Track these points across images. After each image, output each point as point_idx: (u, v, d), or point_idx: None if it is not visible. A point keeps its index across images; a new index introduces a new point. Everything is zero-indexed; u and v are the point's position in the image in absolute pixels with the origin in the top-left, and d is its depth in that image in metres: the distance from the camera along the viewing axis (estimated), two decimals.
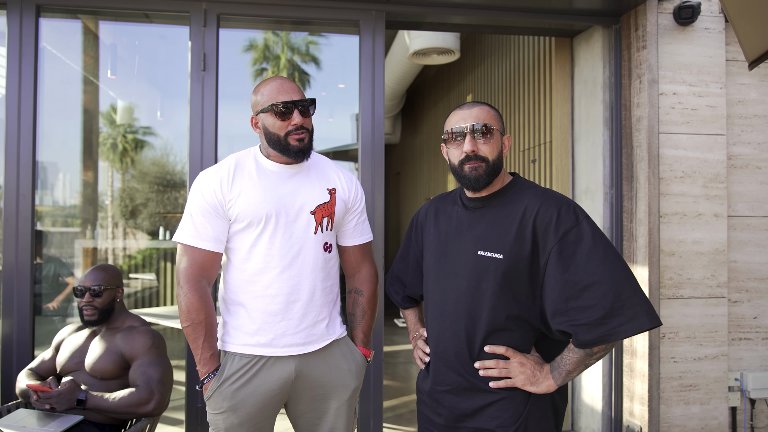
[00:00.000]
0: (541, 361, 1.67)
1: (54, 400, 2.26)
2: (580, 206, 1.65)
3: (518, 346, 1.67)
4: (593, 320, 1.51)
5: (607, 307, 1.51)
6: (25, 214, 2.95)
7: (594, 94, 3.55)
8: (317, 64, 6.65)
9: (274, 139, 1.89)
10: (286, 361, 1.91)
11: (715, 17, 3.28)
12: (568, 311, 1.55)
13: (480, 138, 1.67)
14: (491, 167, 1.67)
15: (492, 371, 1.65)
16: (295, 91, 1.90)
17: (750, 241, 3.39)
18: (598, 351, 1.58)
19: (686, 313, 3.22)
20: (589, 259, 1.54)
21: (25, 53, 2.97)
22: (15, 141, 2.96)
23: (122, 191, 7.78)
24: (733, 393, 3.34)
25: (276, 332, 1.89)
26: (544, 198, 1.65)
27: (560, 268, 1.56)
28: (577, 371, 1.62)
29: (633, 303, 1.51)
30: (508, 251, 1.62)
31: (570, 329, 1.55)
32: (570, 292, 1.54)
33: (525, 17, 3.36)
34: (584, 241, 1.56)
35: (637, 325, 1.50)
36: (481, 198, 1.74)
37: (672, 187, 3.23)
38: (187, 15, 3.10)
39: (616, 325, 1.51)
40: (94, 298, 2.48)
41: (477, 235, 1.69)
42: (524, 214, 1.63)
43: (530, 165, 4.71)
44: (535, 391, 1.63)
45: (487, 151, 1.67)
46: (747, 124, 3.40)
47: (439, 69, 7.95)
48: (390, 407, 4.52)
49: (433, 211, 1.89)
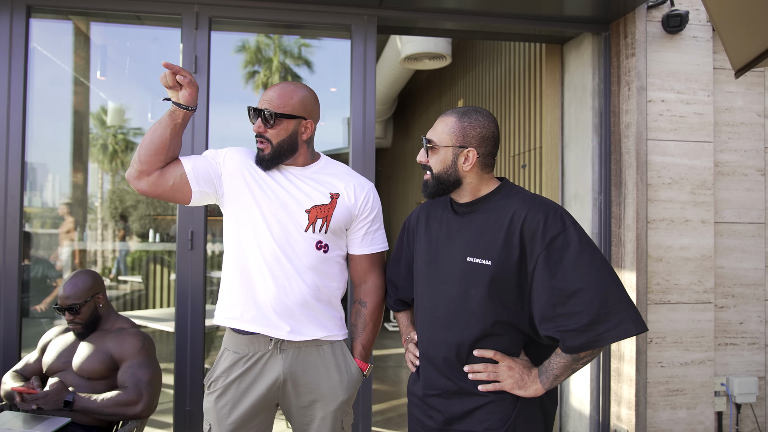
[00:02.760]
0: (529, 365, 1.68)
1: (41, 401, 2.25)
2: (567, 212, 1.66)
3: (507, 351, 1.68)
4: (580, 326, 1.53)
5: (593, 313, 1.52)
6: (14, 216, 2.93)
7: (583, 100, 3.58)
8: (309, 67, 6.65)
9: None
10: (276, 360, 1.90)
11: (703, 26, 3.32)
12: (555, 317, 1.56)
13: (428, 151, 1.75)
14: (435, 178, 1.74)
15: (481, 375, 1.67)
16: (271, 99, 1.87)
17: (736, 248, 3.43)
18: (585, 356, 1.59)
19: (673, 319, 3.25)
20: (576, 265, 1.55)
21: (15, 53, 2.96)
22: (4, 141, 2.94)
23: (112, 193, 7.73)
24: (720, 398, 3.37)
25: (261, 309, 1.88)
26: (531, 204, 1.65)
27: (547, 274, 1.57)
28: (564, 375, 1.63)
29: (619, 309, 1.53)
30: (496, 258, 1.63)
31: (557, 335, 1.56)
32: (557, 299, 1.56)
33: (516, 23, 3.38)
34: (571, 247, 1.57)
35: (623, 331, 1.52)
36: (469, 203, 1.75)
37: (660, 193, 3.26)
38: (179, 17, 3.09)
39: (603, 331, 1.52)
40: (74, 316, 2.44)
41: (466, 241, 1.70)
42: (512, 220, 1.64)
43: (520, 170, 4.74)
44: (523, 394, 1.64)
45: (432, 163, 1.74)
46: (734, 132, 3.45)
47: (431, 74, 7.99)
48: (379, 411, 4.52)
49: (425, 215, 1.90)
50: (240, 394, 1.89)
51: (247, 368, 1.89)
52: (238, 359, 1.89)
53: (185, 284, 3.09)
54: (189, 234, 3.08)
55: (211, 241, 5.48)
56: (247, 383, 1.89)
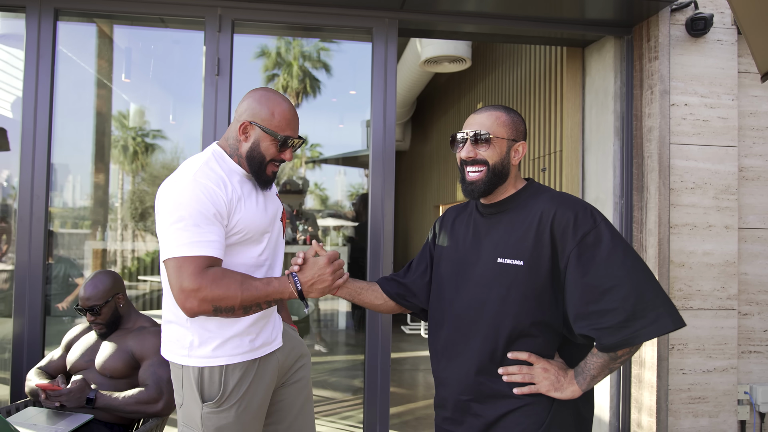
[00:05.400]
0: (564, 367, 1.65)
1: (64, 398, 2.28)
2: (596, 209, 1.64)
3: (542, 352, 1.65)
4: (615, 323, 1.50)
5: (629, 310, 1.49)
6: (39, 215, 2.98)
7: (605, 104, 3.55)
8: (328, 70, 6.69)
9: (256, 159, 1.83)
10: (272, 356, 1.97)
11: (728, 29, 3.28)
12: (589, 315, 1.53)
13: (481, 143, 1.69)
14: (492, 171, 1.69)
15: (515, 377, 1.63)
16: (298, 125, 1.90)
17: (761, 254, 3.38)
18: (623, 354, 1.56)
19: (696, 325, 3.21)
20: (609, 261, 1.53)
21: (42, 56, 3.01)
22: (31, 142, 2.99)
23: (132, 194, 7.82)
24: (743, 406, 3.31)
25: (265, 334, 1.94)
26: (560, 201, 1.64)
27: (580, 271, 1.55)
28: (601, 376, 1.60)
29: (656, 305, 1.50)
30: (528, 257, 1.61)
31: (592, 333, 1.53)
32: (591, 296, 1.53)
33: (537, 27, 3.37)
34: (603, 243, 1.55)
35: (661, 327, 1.49)
36: (495, 204, 1.74)
37: (683, 198, 3.22)
38: (202, 20, 3.13)
39: (639, 328, 1.49)
40: (95, 317, 2.49)
41: (495, 243, 1.69)
42: (541, 218, 1.63)
43: (540, 173, 4.71)
44: (560, 396, 1.61)
45: (488, 155, 1.69)
46: (759, 136, 3.40)
47: (450, 77, 7.97)
48: (396, 414, 4.51)
49: (450, 220, 1.89)
50: (251, 396, 1.89)
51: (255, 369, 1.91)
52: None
53: None
54: None
55: None
56: (257, 380, 1.92)
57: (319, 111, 6.84)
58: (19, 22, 3.07)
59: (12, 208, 5.06)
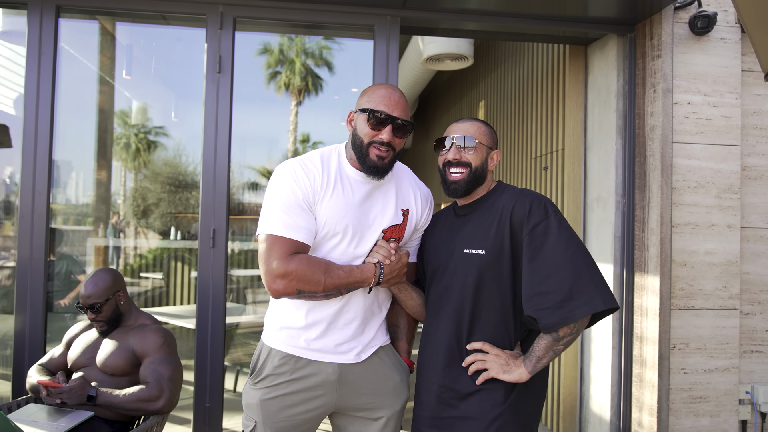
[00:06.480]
0: (517, 354, 1.81)
1: (65, 395, 2.29)
2: (552, 202, 1.80)
3: (503, 338, 1.81)
4: (553, 304, 1.66)
5: (566, 291, 1.66)
6: (40, 212, 2.98)
7: (607, 102, 3.54)
8: (330, 68, 6.67)
9: (358, 144, 1.83)
10: (327, 365, 1.89)
11: (731, 27, 3.27)
12: (533, 297, 1.70)
13: (468, 148, 1.87)
14: (473, 173, 1.87)
15: (473, 366, 1.79)
16: (399, 107, 1.82)
17: (763, 253, 3.37)
18: (564, 336, 1.70)
19: (697, 324, 3.20)
20: (554, 249, 1.70)
21: (44, 53, 3.01)
22: (32, 139, 2.99)
23: (134, 191, 7.82)
24: (744, 406, 3.31)
25: (324, 339, 1.88)
26: (519, 196, 1.82)
27: (528, 257, 1.73)
28: (546, 357, 1.74)
29: (590, 287, 1.66)
30: (489, 247, 1.79)
31: (535, 314, 1.69)
32: (535, 279, 1.70)
33: (539, 24, 3.36)
34: (551, 233, 1.72)
35: (592, 307, 1.65)
36: (469, 204, 1.93)
37: (685, 197, 3.21)
38: (203, 17, 3.13)
39: (574, 308, 1.65)
40: (96, 314, 2.49)
41: (464, 237, 1.88)
42: (502, 211, 1.81)
43: (542, 172, 4.70)
44: (507, 379, 1.75)
45: (473, 158, 1.86)
46: (762, 135, 3.38)
47: (452, 75, 7.96)
48: None
49: (432, 225, 2.06)
50: (292, 395, 1.88)
51: (300, 369, 1.89)
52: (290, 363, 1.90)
53: (206, 282, 3.12)
54: (211, 232, 3.11)
55: (232, 239, 5.53)
56: (299, 386, 1.89)
57: (321, 108, 6.84)
58: (21, 18, 3.07)
59: (14, 204, 5.06)
